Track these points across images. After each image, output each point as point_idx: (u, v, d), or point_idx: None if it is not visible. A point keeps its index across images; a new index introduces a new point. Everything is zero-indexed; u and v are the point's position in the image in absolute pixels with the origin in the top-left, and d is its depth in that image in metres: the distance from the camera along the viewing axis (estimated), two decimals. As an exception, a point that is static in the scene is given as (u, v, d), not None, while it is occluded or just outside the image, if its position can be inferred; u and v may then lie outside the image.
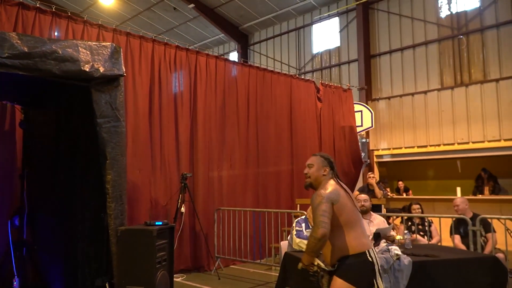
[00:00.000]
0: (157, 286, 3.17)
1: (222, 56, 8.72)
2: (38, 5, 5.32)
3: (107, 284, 3.30)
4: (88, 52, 3.17)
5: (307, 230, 4.35)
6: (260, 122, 8.01)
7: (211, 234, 6.75)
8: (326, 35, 13.22)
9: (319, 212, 2.53)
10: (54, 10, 5.46)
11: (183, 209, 6.28)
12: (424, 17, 11.10)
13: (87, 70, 3.12)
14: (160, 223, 3.34)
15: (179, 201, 6.19)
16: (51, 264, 4.91)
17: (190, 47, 7.21)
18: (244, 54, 14.32)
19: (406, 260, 3.71)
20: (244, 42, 14.79)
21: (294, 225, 4.59)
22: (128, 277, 3.19)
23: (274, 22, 14.25)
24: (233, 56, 15.31)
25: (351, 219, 2.60)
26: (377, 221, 4.46)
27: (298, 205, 7.91)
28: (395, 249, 3.74)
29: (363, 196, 4.55)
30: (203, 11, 13.25)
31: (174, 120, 6.66)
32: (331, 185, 2.66)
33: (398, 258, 3.68)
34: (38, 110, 4.71)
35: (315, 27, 13.46)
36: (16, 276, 4.87)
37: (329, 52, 13.08)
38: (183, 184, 6.20)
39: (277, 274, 3.97)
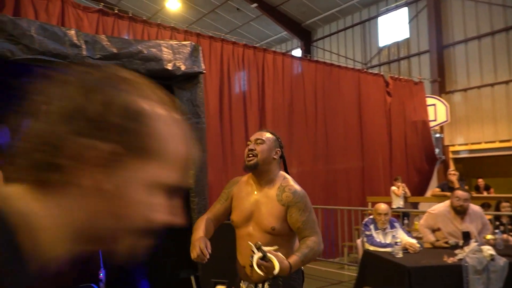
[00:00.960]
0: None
1: (288, 53, 8.68)
2: (116, 11, 5.65)
3: (192, 277, 3.37)
4: (170, 51, 3.26)
5: (376, 231, 4.13)
6: (328, 119, 7.86)
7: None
8: (393, 26, 12.70)
9: (315, 220, 2.07)
10: (131, 15, 5.76)
11: (254, 206, 6.32)
12: (504, 1, 10.28)
13: (170, 68, 3.22)
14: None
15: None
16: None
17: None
18: (307, 51, 14.15)
19: (502, 260, 3.43)
20: (307, 38, 14.64)
21: (362, 228, 4.38)
22: (213, 270, 3.24)
23: (338, 16, 13.95)
24: (296, 53, 15.21)
25: None
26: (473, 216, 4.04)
27: (370, 203, 7.65)
28: (488, 249, 3.47)
29: (464, 194, 3.88)
30: (265, 9, 13.30)
31: (243, 118, 6.73)
32: (297, 184, 2.12)
33: (493, 258, 3.41)
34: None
35: (381, 19, 12.98)
36: (102, 268, 5.18)
37: (397, 44, 12.55)
38: (253, 181, 6.23)
39: (350, 274, 3.85)
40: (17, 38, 2.65)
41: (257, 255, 1.82)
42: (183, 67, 3.28)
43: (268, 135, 2.13)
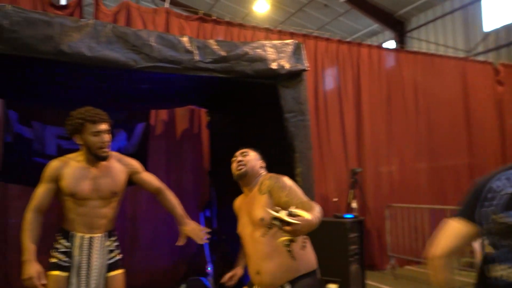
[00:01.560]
0: (351, 280, 3.13)
1: (384, 46, 8.34)
2: (213, 18, 5.92)
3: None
4: (274, 50, 3.32)
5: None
6: (431, 112, 7.39)
7: (382, 231, 6.48)
8: (500, 8, 11.52)
9: (301, 192, 2.16)
10: (227, 20, 6.01)
11: (354, 204, 6.17)
12: None
13: (274, 67, 3.27)
14: (352, 215, 3.29)
15: (350, 196, 6.10)
16: (237, 254, 5.34)
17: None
18: (401, 42, 13.46)
19: None
20: (400, 29, 13.91)
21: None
22: (321, 268, 3.22)
23: (434, 3, 13.04)
24: (389, 46, 14.56)
25: None
26: None
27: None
28: None
29: None
30: (355, 3, 12.92)
31: (339, 115, 6.62)
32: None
33: None
34: (222, 112, 5.16)
35: (485, 2, 11.86)
36: (209, 263, 5.44)
37: (507, 28, 11.37)
38: (353, 180, 6.10)
39: (462, 279, 3.56)
40: (139, 48, 2.89)
41: (283, 212, 1.75)
42: (287, 66, 3.31)
43: (249, 149, 2.43)
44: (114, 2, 9.41)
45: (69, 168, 2.47)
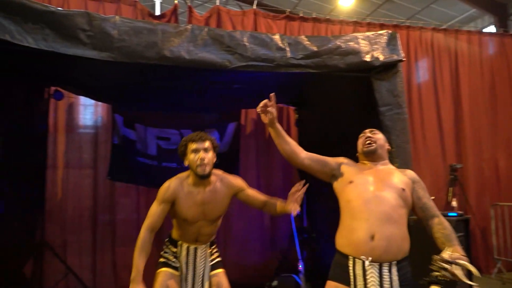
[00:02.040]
0: (457, 283, 2.91)
1: (485, 32, 7.65)
2: (300, 15, 5.91)
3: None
4: (367, 42, 3.22)
5: None
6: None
7: (487, 232, 5.96)
8: None
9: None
10: (314, 17, 5.96)
11: (454, 203, 5.75)
12: None
13: (368, 60, 3.17)
14: (455, 214, 3.07)
15: (449, 194, 5.69)
16: (326, 251, 5.27)
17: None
18: (503, 26, 12.25)
19: None
20: (501, 13, 12.64)
21: None
22: (423, 269, 3.04)
23: (543, -20, 11.67)
24: (490, 31, 13.34)
25: None
26: None
27: None
28: None
29: None
30: (448, -12, 12.05)
31: (435, 107, 6.21)
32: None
33: None
34: (311, 109, 5.14)
35: None
36: (300, 260, 5.44)
37: None
38: (452, 176, 5.68)
39: None
40: (233, 49, 2.99)
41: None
42: (381, 57, 3.19)
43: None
44: (203, 9, 9.87)
45: (183, 193, 2.52)
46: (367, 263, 1.93)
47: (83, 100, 5.02)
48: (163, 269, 2.56)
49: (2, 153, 3.16)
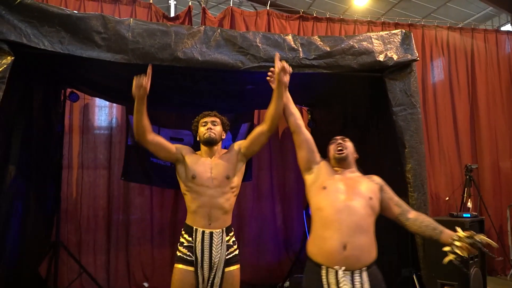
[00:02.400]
0: (471, 285, 2.87)
1: (503, 30, 7.50)
2: (314, 15, 5.90)
3: (414, 276, 3.20)
4: (380, 42, 3.20)
5: None
6: None
7: (504, 233, 5.86)
8: None
9: None
10: (328, 16, 5.94)
11: (469, 204, 5.65)
12: None
13: (382, 60, 3.15)
14: (469, 215, 3.03)
15: (465, 195, 5.60)
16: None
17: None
18: (521, 25, 12.00)
19: None
20: (519, 10, 12.41)
21: None
22: (437, 271, 3.01)
23: None
24: (507, 29, 13.10)
25: None
26: None
27: None
28: None
29: None
30: (465, -14, 11.86)
31: (450, 107, 6.13)
32: None
33: None
34: (323, 109, 5.12)
35: None
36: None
37: None
38: (468, 177, 5.58)
39: None
40: (246, 49, 3.00)
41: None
42: (395, 57, 3.16)
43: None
44: (217, 10, 9.90)
45: (193, 155, 2.73)
46: (340, 272, 1.99)
47: (98, 102, 5.09)
48: (179, 266, 2.56)
49: (20, 155, 3.22)
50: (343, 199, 2.15)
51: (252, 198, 5.43)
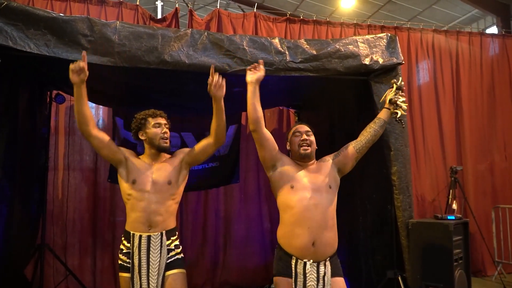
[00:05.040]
0: (456, 286, 2.93)
1: (487, 33, 7.61)
2: (301, 18, 5.93)
3: (399, 278, 3.25)
4: (366, 45, 3.24)
5: None
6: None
7: (488, 235, 5.95)
8: None
9: None
10: (314, 19, 5.97)
11: (454, 206, 5.74)
12: None
13: (367, 63, 3.19)
14: (453, 217, 3.09)
15: (450, 197, 5.69)
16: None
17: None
18: (505, 27, 12.25)
19: None
20: (504, 13, 12.60)
21: None
22: (422, 272, 3.06)
23: (545, -19, 11.64)
24: (491, 32, 13.32)
25: None
26: None
27: None
28: None
29: None
30: (450, -12, 12.03)
31: (435, 109, 6.21)
32: None
33: None
34: (310, 111, 5.15)
35: None
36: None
37: None
38: (453, 179, 5.67)
39: None
40: (233, 53, 3.01)
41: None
42: (381, 60, 3.21)
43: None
44: (204, 11, 9.89)
45: (135, 159, 2.66)
46: (308, 264, 2.23)
47: (84, 103, 5.04)
48: (120, 274, 2.53)
49: (5, 157, 3.18)
50: (309, 196, 2.31)
51: (239, 200, 5.44)
